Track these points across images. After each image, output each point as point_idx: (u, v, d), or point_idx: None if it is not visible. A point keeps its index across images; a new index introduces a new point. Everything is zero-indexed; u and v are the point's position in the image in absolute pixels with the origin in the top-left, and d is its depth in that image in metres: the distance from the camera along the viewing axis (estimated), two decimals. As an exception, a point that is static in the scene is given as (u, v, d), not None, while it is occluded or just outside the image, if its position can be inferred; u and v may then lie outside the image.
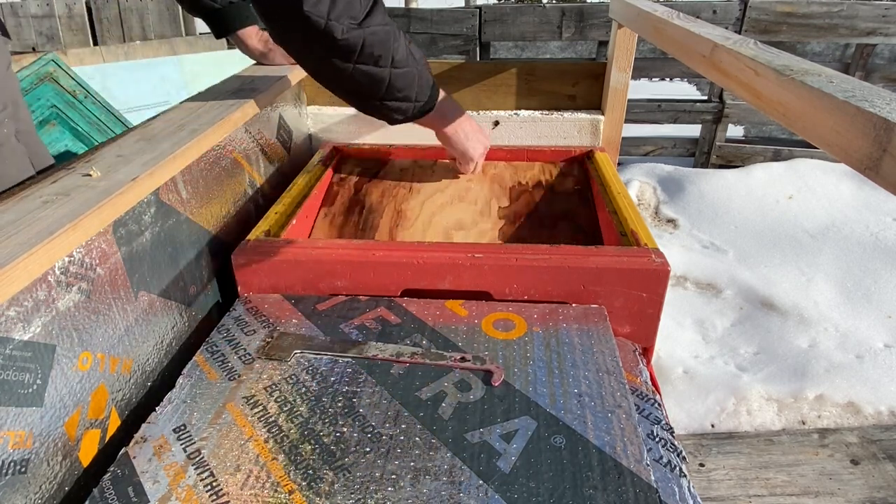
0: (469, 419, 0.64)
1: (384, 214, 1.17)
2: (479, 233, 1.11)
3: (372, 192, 1.24)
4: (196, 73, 2.62)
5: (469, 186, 1.24)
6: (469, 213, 1.16)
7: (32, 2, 3.55)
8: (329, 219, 1.17)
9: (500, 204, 1.19)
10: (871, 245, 2.42)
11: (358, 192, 1.24)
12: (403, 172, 1.31)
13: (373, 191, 1.24)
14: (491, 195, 1.22)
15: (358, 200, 1.21)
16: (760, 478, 1.49)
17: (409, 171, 1.31)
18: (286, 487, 0.57)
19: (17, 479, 0.54)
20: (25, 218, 0.59)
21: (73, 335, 0.61)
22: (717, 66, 0.76)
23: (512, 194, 1.22)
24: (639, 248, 0.88)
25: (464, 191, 1.23)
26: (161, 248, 0.78)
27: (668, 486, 0.64)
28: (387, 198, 1.21)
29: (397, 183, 1.26)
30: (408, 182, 1.27)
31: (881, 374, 1.77)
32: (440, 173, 1.29)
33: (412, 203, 1.19)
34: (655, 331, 0.87)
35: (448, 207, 1.18)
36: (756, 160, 3.26)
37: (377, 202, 1.20)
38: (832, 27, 2.97)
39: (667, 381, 1.76)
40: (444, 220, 1.14)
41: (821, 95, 0.51)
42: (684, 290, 2.25)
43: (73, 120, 1.86)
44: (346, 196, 1.23)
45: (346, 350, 0.75)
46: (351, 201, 1.21)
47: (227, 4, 1.19)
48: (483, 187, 1.24)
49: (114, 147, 0.80)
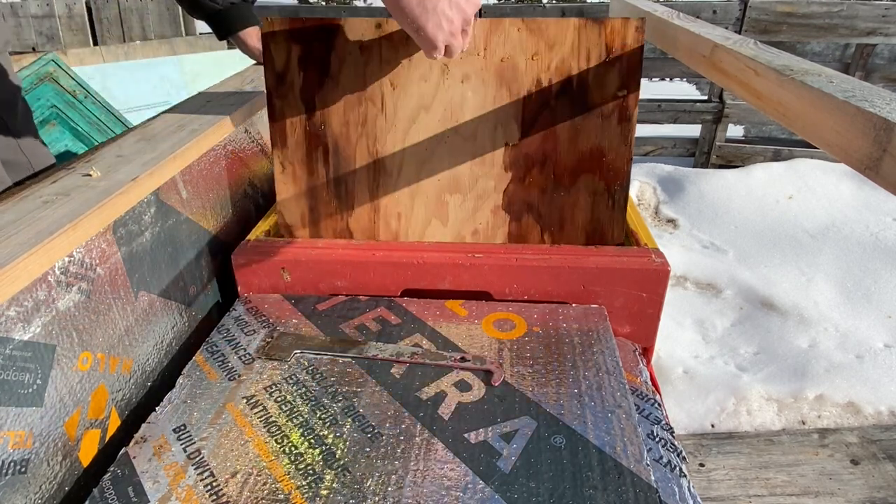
0: (469, 419, 0.64)
1: (358, 168, 0.91)
2: (477, 198, 0.91)
3: (331, 115, 0.89)
4: (196, 73, 2.62)
5: (466, 95, 0.87)
6: (467, 157, 0.90)
7: (32, 2, 3.55)
8: (290, 175, 0.92)
9: (507, 137, 0.89)
10: (871, 245, 2.42)
11: (312, 116, 0.89)
12: (367, 62, 0.87)
13: (332, 113, 0.89)
14: (496, 117, 0.88)
15: (316, 136, 0.90)
16: (760, 478, 1.49)
17: (373, 55, 0.87)
18: (286, 487, 0.57)
19: (17, 479, 0.54)
20: (25, 218, 0.59)
21: (73, 335, 0.61)
22: (717, 66, 0.76)
23: (526, 113, 0.88)
24: (639, 248, 0.88)
25: (458, 106, 0.88)
26: (161, 248, 0.78)
27: (668, 486, 0.64)
28: (355, 129, 0.89)
29: (362, 92, 0.88)
30: (376, 84, 0.88)
31: (881, 374, 1.77)
32: (419, 60, 0.87)
33: (390, 140, 0.89)
34: (655, 331, 0.87)
35: (439, 147, 0.89)
36: (756, 160, 3.26)
37: (342, 137, 0.90)
38: (832, 27, 2.97)
39: (667, 381, 1.76)
40: (436, 175, 0.91)
41: (821, 95, 0.51)
42: (684, 290, 2.25)
43: (73, 120, 1.86)
44: (298, 126, 0.90)
45: (346, 350, 0.75)
46: (308, 138, 0.90)
47: (228, 6, 1.19)
48: (486, 95, 0.88)
49: (114, 147, 0.80)
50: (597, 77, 0.86)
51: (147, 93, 2.48)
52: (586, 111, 0.87)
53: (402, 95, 0.88)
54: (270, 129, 0.91)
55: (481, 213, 0.92)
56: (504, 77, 0.87)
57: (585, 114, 0.87)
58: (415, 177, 0.91)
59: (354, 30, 0.86)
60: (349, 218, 0.94)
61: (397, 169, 0.91)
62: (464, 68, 0.86)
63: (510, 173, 0.90)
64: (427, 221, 0.93)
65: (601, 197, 0.90)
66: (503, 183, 0.91)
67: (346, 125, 0.89)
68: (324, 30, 0.86)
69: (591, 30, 0.85)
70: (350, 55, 0.87)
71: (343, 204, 0.93)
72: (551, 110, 0.87)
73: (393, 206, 0.92)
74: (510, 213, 0.92)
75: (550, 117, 0.87)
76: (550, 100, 0.87)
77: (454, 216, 0.92)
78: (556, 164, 0.89)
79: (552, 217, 0.92)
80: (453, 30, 0.74)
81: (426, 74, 0.87)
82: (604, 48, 0.85)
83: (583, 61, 0.86)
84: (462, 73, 0.87)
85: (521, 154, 0.89)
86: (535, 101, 0.87)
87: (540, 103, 0.87)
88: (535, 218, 0.92)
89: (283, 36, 0.87)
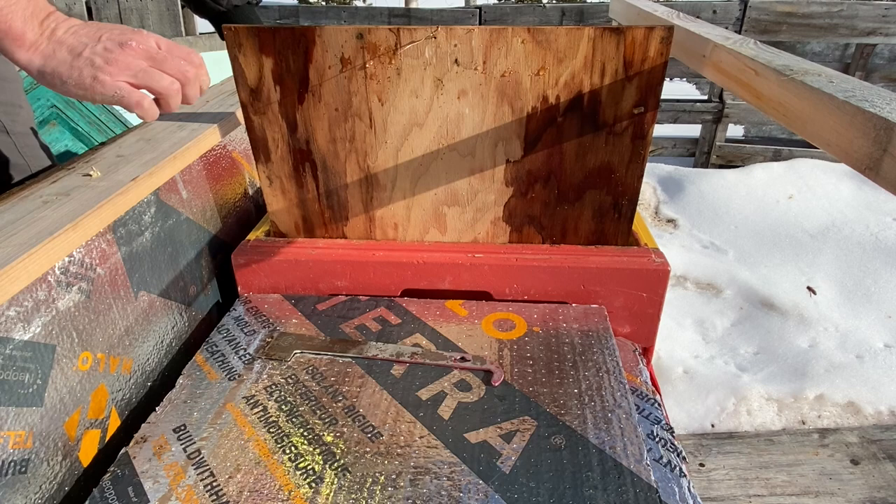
0: (469, 419, 0.64)
1: (349, 182, 0.87)
2: (476, 211, 0.88)
3: (316, 132, 0.83)
4: (196, 73, 2.61)
5: (462, 112, 0.80)
6: (464, 172, 0.85)
7: (32, 2, 3.55)
8: (279, 189, 0.88)
9: (508, 154, 0.83)
10: (871, 245, 2.42)
11: (295, 133, 0.84)
12: (350, 76, 0.79)
13: (317, 130, 0.83)
14: (496, 134, 0.81)
15: (301, 151, 0.85)
16: (760, 478, 1.49)
17: (356, 68, 0.79)
18: (286, 488, 0.57)
19: (17, 479, 0.54)
20: (25, 218, 0.59)
21: (73, 335, 0.61)
22: (717, 66, 0.76)
23: (530, 130, 0.81)
24: (639, 248, 0.88)
25: (454, 123, 0.81)
26: (161, 248, 0.78)
27: (668, 486, 0.64)
28: (343, 146, 0.84)
29: (347, 108, 0.81)
30: (362, 99, 0.80)
31: (881, 374, 1.77)
32: (409, 74, 0.79)
33: (381, 155, 0.84)
34: (655, 331, 0.87)
35: (434, 163, 0.84)
36: (756, 160, 3.26)
37: (330, 153, 0.85)
38: (832, 27, 2.97)
39: (667, 381, 1.76)
40: (433, 189, 0.87)
41: (821, 95, 0.51)
42: (684, 290, 2.25)
43: (73, 120, 1.86)
44: (280, 143, 0.85)
45: (346, 350, 0.75)
46: (294, 154, 0.85)
47: (231, 7, 1.19)
48: (485, 112, 0.80)
49: (114, 147, 0.80)
50: (611, 94, 0.77)
51: (147, 93, 2.47)
52: (597, 129, 0.80)
53: (391, 111, 0.81)
54: (251, 144, 0.85)
55: (481, 224, 0.90)
56: (506, 93, 0.78)
57: (596, 131, 0.80)
58: (410, 191, 0.87)
59: (333, 40, 0.77)
60: (344, 227, 0.92)
61: (391, 183, 0.86)
62: (460, 83, 0.78)
63: (511, 188, 0.85)
64: (425, 231, 0.91)
65: (607, 210, 0.86)
66: (504, 197, 0.86)
67: (333, 142, 0.84)
68: (297, 40, 0.77)
69: (607, 41, 0.74)
70: (330, 68, 0.79)
71: (337, 214, 0.90)
72: (557, 127, 0.80)
73: (389, 218, 0.89)
74: (511, 224, 0.89)
75: (556, 134, 0.80)
76: (557, 117, 0.79)
77: (453, 227, 0.90)
78: (560, 180, 0.84)
79: (554, 228, 0.90)
80: (114, 71, 0.66)
81: (417, 89, 0.79)
82: (622, 62, 0.75)
83: (596, 77, 0.76)
84: (458, 89, 0.78)
85: (523, 170, 0.84)
86: (540, 119, 0.80)
87: (545, 121, 0.80)
88: (536, 229, 0.90)
89: (252, 48, 0.79)
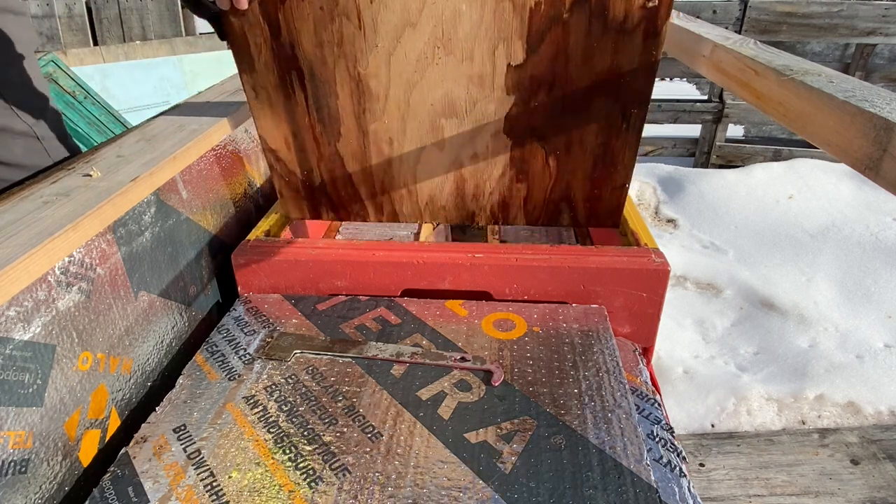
0: (469, 419, 0.64)
1: (340, 92, 0.80)
2: (475, 121, 0.81)
3: (301, 34, 0.77)
4: (196, 73, 2.62)
5: (459, 9, 0.73)
6: (462, 79, 0.78)
7: (32, 2, 3.55)
8: (266, 101, 0.82)
9: (510, 57, 0.76)
10: (871, 245, 2.42)
11: (278, 37, 0.77)
12: None
13: (302, 33, 0.76)
14: (497, 34, 0.75)
15: (286, 58, 0.79)
16: (760, 478, 1.49)
17: None
18: (286, 487, 0.57)
19: (17, 479, 0.54)
20: (25, 218, 0.59)
21: (73, 335, 0.61)
22: (717, 66, 0.76)
23: (533, 29, 0.74)
24: (639, 248, 0.88)
25: (450, 23, 0.74)
26: (161, 248, 0.78)
27: (668, 486, 0.64)
28: (330, 51, 0.77)
29: (333, 6, 0.74)
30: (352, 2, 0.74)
31: (881, 374, 1.77)
32: None
33: (373, 61, 0.78)
34: (655, 331, 0.87)
35: (430, 69, 0.78)
36: (756, 160, 3.26)
37: (318, 59, 0.78)
38: (832, 27, 2.97)
39: (667, 381, 1.76)
40: (428, 98, 0.80)
41: (821, 95, 0.51)
42: (684, 290, 2.25)
43: (72, 120, 1.86)
44: (264, 48, 0.78)
45: (346, 350, 0.75)
46: (278, 61, 0.79)
47: None
48: (483, 9, 0.73)
49: (114, 147, 0.80)
50: None
51: (147, 93, 2.48)
52: (606, 26, 0.72)
53: (381, 9, 0.73)
54: (232, 52, 0.78)
55: (480, 138, 0.83)
56: None
57: (605, 29, 0.73)
58: (405, 101, 0.80)
59: None
60: (337, 143, 0.85)
61: (384, 92, 0.79)
62: None
63: (513, 97, 0.78)
64: (421, 147, 0.84)
65: (615, 120, 0.79)
66: (505, 107, 0.79)
67: (320, 46, 0.77)
68: None
69: None
70: None
71: (328, 129, 0.83)
72: (563, 25, 0.72)
73: (383, 132, 0.83)
74: (512, 137, 0.82)
75: (562, 33, 0.73)
76: (563, 12, 0.72)
77: (451, 141, 0.84)
78: (566, 86, 0.77)
79: (558, 141, 0.82)
80: None
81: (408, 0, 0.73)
82: None
83: None
84: None
85: (525, 76, 0.76)
86: (543, 16, 0.72)
87: (550, 17, 0.72)
88: (539, 142, 0.83)
89: None
